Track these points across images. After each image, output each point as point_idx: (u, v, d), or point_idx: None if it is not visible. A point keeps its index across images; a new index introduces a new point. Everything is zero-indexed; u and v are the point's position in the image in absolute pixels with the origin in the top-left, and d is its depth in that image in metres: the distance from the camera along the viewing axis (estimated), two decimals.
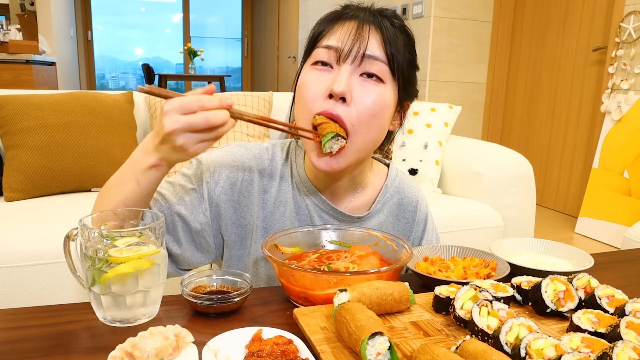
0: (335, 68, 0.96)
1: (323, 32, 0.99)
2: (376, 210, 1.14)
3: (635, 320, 0.70)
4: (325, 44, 0.97)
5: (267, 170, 1.09)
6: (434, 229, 1.25)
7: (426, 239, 1.22)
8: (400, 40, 0.98)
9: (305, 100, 0.96)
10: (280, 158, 1.11)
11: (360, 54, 0.94)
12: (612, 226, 3.61)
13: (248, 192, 1.07)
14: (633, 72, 3.59)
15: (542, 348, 0.63)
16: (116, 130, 2.47)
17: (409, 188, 1.20)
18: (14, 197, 2.24)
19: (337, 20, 0.99)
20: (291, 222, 1.09)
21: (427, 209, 1.23)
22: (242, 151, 1.09)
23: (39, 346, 0.72)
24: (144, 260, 0.78)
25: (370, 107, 0.94)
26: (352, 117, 0.93)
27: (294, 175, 1.10)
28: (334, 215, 1.10)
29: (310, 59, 1.00)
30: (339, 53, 0.95)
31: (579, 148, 4.29)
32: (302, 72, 1.01)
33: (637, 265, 1.18)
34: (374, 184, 1.16)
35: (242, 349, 0.69)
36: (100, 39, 10.25)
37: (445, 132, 2.81)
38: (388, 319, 0.80)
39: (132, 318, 0.79)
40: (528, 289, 0.86)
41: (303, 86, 0.98)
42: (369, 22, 0.96)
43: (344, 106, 0.93)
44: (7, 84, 4.85)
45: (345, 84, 0.92)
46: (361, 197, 1.14)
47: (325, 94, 0.94)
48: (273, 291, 0.94)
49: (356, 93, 0.94)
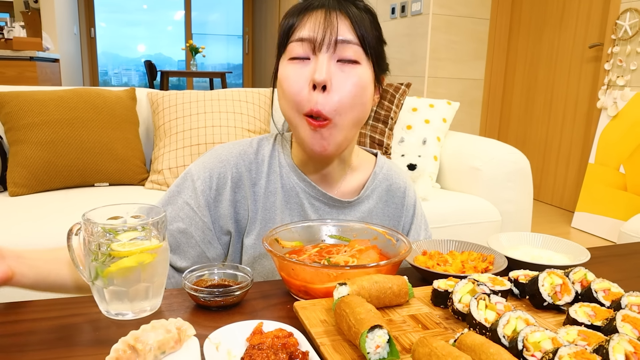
0: (312, 58, 0.98)
1: (294, 26, 1.00)
2: (365, 195, 1.15)
3: (630, 314, 0.70)
4: (299, 37, 0.98)
5: (254, 164, 1.11)
6: (423, 214, 1.27)
7: (416, 224, 1.23)
8: (367, 21, 1.01)
9: (289, 94, 0.98)
10: (266, 150, 1.13)
11: (333, 40, 0.96)
12: (608, 221, 3.61)
13: (238, 187, 1.09)
14: (629, 68, 3.58)
15: (539, 341, 0.63)
16: (119, 126, 2.47)
17: (396, 175, 1.22)
18: (18, 192, 2.24)
19: (305, 12, 1.00)
20: (282, 211, 1.10)
21: (415, 195, 1.25)
22: (226, 151, 1.11)
23: (43, 339, 0.72)
24: (147, 254, 0.77)
25: (351, 89, 0.97)
26: (332, 104, 0.96)
27: (282, 165, 1.12)
28: (324, 201, 1.12)
29: (286, 54, 1.01)
30: (313, 43, 0.97)
31: (576, 143, 4.28)
32: (281, 67, 1.02)
33: (632, 259, 1.18)
34: (362, 170, 1.18)
35: (243, 342, 0.69)
36: (103, 36, 10.23)
37: (443, 127, 2.80)
38: (387, 312, 0.80)
39: (135, 311, 0.79)
40: (525, 282, 0.86)
41: (284, 81, 0.99)
42: (335, 8, 0.98)
43: (324, 94, 0.95)
44: (12, 81, 4.84)
45: (326, 72, 0.95)
46: (350, 182, 1.16)
47: (310, 85, 0.96)
48: (274, 285, 0.94)
49: (336, 79, 0.96)
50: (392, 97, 2.72)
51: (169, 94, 2.61)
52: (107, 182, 2.45)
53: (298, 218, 1.12)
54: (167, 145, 2.48)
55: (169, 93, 2.62)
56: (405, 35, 4.90)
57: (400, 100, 2.73)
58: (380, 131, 2.66)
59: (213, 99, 2.59)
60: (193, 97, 2.59)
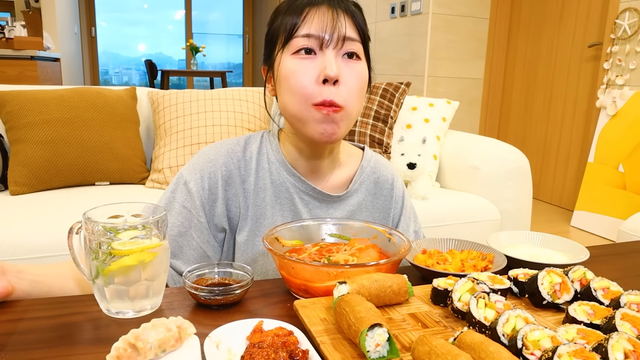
0: (318, 54, 0.99)
1: (298, 23, 1.00)
2: (354, 189, 1.17)
3: (630, 312, 0.70)
4: (305, 33, 0.99)
5: (242, 161, 1.11)
6: (412, 206, 1.29)
7: (405, 215, 1.24)
8: (362, 18, 1.05)
9: (299, 87, 0.98)
10: (254, 147, 1.13)
11: (341, 37, 0.99)
12: (607, 219, 3.61)
13: (229, 185, 1.10)
14: (628, 68, 3.58)
15: (539, 339, 0.63)
16: (119, 125, 2.47)
17: (384, 167, 1.23)
18: (19, 190, 2.23)
19: (308, 8, 1.00)
20: (272, 206, 1.11)
21: (403, 186, 1.26)
22: (213, 151, 1.12)
23: (43, 337, 0.72)
24: (147, 253, 0.77)
25: (356, 83, 1.01)
26: (343, 95, 0.99)
27: (270, 162, 1.12)
28: (314, 195, 1.13)
29: (289, 49, 1.01)
30: (321, 40, 0.98)
31: (575, 142, 4.28)
32: (284, 62, 1.01)
33: (632, 258, 1.18)
34: (350, 164, 1.19)
35: (244, 340, 0.69)
36: (103, 35, 10.21)
37: (443, 126, 2.80)
38: (387, 311, 0.80)
39: (135, 310, 0.79)
40: (525, 281, 0.86)
41: (292, 75, 0.99)
42: (339, 7, 1.01)
43: (335, 87, 0.98)
44: (12, 80, 4.83)
45: (337, 67, 0.97)
46: (338, 176, 1.17)
47: (319, 80, 0.97)
48: (274, 283, 0.94)
49: (344, 73, 0.99)
50: (391, 96, 2.72)
51: (169, 93, 2.61)
52: (108, 181, 2.45)
53: (288, 213, 1.12)
54: (168, 144, 2.48)
55: (169, 92, 2.61)
56: (405, 35, 4.90)
57: (400, 99, 2.73)
58: (380, 130, 2.66)
59: (213, 98, 2.59)
60: (193, 96, 2.59)
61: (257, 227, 1.11)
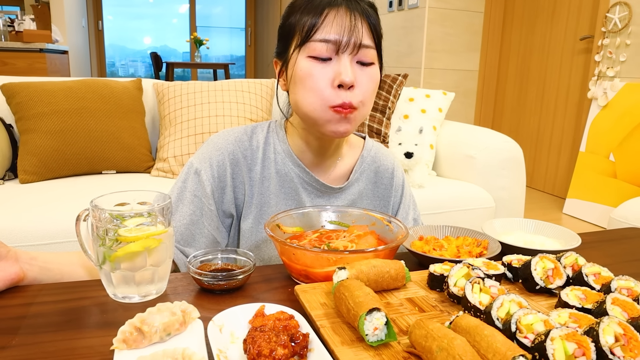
0: (334, 58, 0.97)
1: (316, 25, 0.97)
2: (355, 179, 1.16)
3: (620, 297, 0.70)
4: (324, 38, 0.96)
5: (249, 150, 1.11)
6: (411, 194, 1.29)
7: (404, 203, 1.24)
8: (377, 18, 1.03)
9: (316, 90, 0.97)
10: (261, 137, 1.13)
11: (357, 45, 0.97)
12: (598, 207, 3.61)
13: (236, 173, 1.09)
14: (618, 60, 3.56)
15: (532, 323, 0.63)
16: (125, 116, 2.46)
17: (384, 157, 1.22)
18: (28, 179, 2.23)
19: (328, 10, 0.97)
20: (276, 195, 1.11)
21: (403, 175, 1.26)
22: (221, 139, 1.11)
23: (52, 321, 0.72)
24: (152, 239, 0.77)
25: (370, 86, 1.01)
26: (358, 97, 0.98)
27: (277, 152, 1.12)
28: (316, 187, 1.12)
29: (306, 50, 0.98)
30: (338, 45, 0.96)
31: (567, 132, 4.27)
32: (300, 62, 0.99)
33: (622, 244, 1.18)
34: (351, 155, 1.18)
35: (246, 324, 0.69)
36: (110, 28, 10.16)
37: (439, 117, 2.79)
38: (385, 296, 0.79)
39: (141, 294, 0.79)
40: (518, 266, 0.86)
41: (309, 78, 0.97)
42: (357, 10, 0.98)
43: (350, 92, 0.97)
44: (22, 72, 4.81)
45: (352, 73, 0.96)
46: (340, 168, 1.16)
47: (334, 84, 0.96)
48: (275, 269, 0.94)
49: (358, 78, 0.98)
50: (389, 87, 2.71)
51: (174, 84, 2.60)
52: (114, 169, 2.44)
53: (292, 202, 1.12)
54: (172, 134, 2.47)
55: (174, 84, 2.60)
56: (402, 28, 4.87)
57: (397, 91, 2.72)
58: (378, 120, 2.65)
59: (217, 90, 2.57)
60: (197, 87, 2.57)
61: (262, 215, 1.11)
